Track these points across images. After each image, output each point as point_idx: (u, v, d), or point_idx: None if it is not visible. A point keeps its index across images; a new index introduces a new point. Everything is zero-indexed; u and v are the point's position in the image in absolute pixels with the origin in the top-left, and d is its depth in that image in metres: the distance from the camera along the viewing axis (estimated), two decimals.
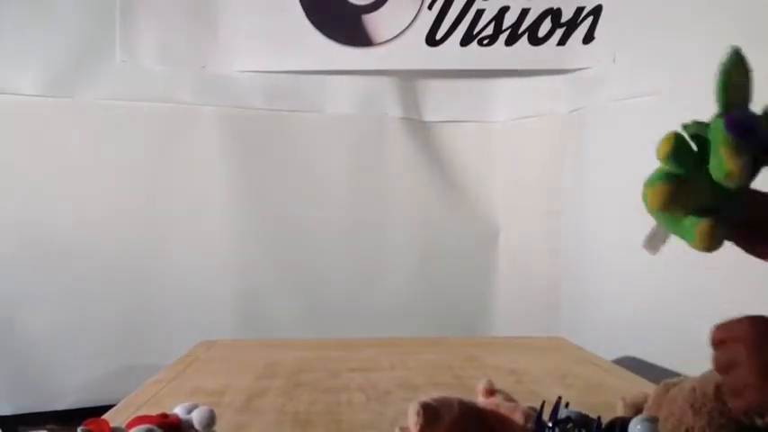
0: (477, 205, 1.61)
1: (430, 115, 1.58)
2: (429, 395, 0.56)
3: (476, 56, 1.45)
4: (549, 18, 1.42)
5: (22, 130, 1.33)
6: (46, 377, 1.35)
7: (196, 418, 0.57)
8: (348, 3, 1.44)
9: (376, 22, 1.45)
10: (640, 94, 1.24)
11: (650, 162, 0.40)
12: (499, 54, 1.45)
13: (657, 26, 1.22)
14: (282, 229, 1.49)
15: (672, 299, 1.15)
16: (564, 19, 1.42)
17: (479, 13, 1.44)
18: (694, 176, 0.39)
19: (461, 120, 1.59)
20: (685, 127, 0.40)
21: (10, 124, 1.32)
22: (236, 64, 1.44)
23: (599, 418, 0.53)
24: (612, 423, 0.53)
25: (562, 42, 1.43)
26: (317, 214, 1.50)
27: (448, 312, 1.57)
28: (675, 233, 0.42)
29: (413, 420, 0.53)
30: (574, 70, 1.44)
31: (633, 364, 1.10)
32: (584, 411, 0.54)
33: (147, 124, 1.40)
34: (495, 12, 1.43)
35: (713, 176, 0.39)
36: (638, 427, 0.49)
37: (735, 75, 0.40)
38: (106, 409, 0.73)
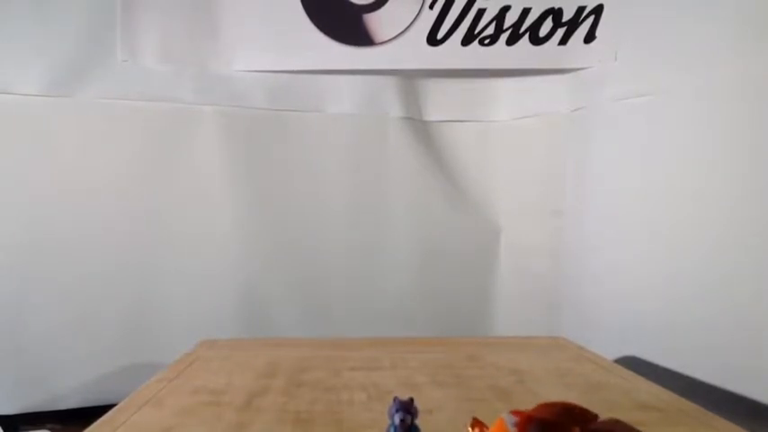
0: (479, 205, 1.61)
1: (431, 115, 1.58)
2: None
3: (477, 55, 1.45)
4: (551, 18, 1.42)
5: (22, 130, 1.33)
6: (47, 377, 1.35)
7: None
8: (349, 2, 1.44)
9: (377, 22, 1.45)
10: (642, 93, 1.24)
11: (651, 161, 0.40)
12: (500, 54, 1.45)
13: (659, 25, 1.22)
14: (283, 228, 1.49)
15: (673, 299, 1.15)
16: (565, 18, 1.42)
17: (480, 12, 1.44)
18: None
19: (462, 119, 1.59)
20: None
21: (10, 124, 1.32)
22: (236, 63, 1.44)
23: None
24: None
25: (563, 42, 1.43)
26: (317, 213, 1.50)
27: (449, 312, 1.57)
28: None
29: None
30: (575, 70, 1.44)
31: (633, 364, 1.10)
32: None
33: (147, 123, 1.40)
34: (496, 11, 1.43)
35: None
36: None
37: None
38: (107, 408, 0.73)
